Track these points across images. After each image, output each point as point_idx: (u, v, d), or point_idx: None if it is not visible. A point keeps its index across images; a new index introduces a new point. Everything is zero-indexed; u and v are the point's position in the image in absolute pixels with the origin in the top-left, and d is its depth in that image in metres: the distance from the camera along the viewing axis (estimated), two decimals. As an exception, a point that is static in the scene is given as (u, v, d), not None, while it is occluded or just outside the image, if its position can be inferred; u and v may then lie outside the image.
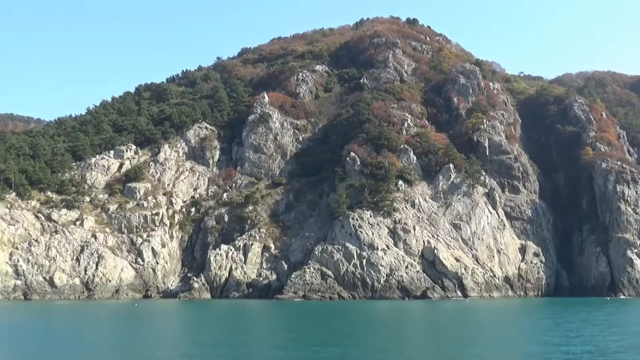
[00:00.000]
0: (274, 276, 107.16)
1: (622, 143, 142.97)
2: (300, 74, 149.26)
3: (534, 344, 38.58)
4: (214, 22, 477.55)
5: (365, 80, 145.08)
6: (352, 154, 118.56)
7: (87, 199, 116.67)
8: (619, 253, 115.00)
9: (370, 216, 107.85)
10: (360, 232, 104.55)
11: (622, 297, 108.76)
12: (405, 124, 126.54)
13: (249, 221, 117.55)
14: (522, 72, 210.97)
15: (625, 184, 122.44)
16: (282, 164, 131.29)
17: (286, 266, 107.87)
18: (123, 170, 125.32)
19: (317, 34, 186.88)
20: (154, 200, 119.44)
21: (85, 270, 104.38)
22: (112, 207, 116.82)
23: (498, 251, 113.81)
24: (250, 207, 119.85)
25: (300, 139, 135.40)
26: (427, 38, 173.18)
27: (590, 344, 37.67)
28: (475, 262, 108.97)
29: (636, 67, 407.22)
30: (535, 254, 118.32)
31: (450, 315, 67.00)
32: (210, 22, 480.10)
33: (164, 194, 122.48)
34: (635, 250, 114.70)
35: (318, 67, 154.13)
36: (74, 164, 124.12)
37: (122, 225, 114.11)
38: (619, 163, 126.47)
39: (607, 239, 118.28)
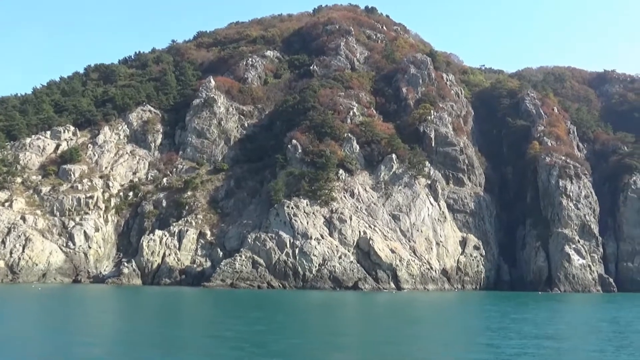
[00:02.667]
0: (209, 263, 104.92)
1: (571, 138, 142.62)
2: (250, 59, 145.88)
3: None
4: (174, 5, 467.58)
5: (315, 67, 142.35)
6: (294, 141, 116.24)
7: (19, 180, 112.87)
8: (557, 248, 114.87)
9: (307, 205, 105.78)
10: (295, 220, 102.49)
11: (557, 291, 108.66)
12: (351, 112, 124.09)
13: (186, 207, 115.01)
14: (484, 65, 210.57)
15: (568, 179, 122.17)
16: (225, 149, 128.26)
17: (221, 253, 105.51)
18: (59, 151, 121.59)
19: (274, 20, 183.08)
20: (89, 183, 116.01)
21: (11, 252, 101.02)
22: (45, 189, 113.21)
23: (437, 243, 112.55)
24: (189, 193, 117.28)
25: (246, 124, 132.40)
26: (384, 27, 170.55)
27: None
28: (412, 253, 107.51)
29: (596, 64, 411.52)
30: (476, 247, 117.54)
31: (344, 306, 65.45)
32: (170, 4, 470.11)
33: (101, 177, 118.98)
34: (574, 246, 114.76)
35: (268, 53, 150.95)
36: (8, 144, 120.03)
37: (54, 208, 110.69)
38: (563, 158, 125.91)
39: (548, 234, 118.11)
